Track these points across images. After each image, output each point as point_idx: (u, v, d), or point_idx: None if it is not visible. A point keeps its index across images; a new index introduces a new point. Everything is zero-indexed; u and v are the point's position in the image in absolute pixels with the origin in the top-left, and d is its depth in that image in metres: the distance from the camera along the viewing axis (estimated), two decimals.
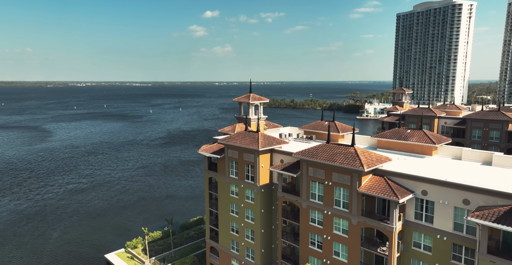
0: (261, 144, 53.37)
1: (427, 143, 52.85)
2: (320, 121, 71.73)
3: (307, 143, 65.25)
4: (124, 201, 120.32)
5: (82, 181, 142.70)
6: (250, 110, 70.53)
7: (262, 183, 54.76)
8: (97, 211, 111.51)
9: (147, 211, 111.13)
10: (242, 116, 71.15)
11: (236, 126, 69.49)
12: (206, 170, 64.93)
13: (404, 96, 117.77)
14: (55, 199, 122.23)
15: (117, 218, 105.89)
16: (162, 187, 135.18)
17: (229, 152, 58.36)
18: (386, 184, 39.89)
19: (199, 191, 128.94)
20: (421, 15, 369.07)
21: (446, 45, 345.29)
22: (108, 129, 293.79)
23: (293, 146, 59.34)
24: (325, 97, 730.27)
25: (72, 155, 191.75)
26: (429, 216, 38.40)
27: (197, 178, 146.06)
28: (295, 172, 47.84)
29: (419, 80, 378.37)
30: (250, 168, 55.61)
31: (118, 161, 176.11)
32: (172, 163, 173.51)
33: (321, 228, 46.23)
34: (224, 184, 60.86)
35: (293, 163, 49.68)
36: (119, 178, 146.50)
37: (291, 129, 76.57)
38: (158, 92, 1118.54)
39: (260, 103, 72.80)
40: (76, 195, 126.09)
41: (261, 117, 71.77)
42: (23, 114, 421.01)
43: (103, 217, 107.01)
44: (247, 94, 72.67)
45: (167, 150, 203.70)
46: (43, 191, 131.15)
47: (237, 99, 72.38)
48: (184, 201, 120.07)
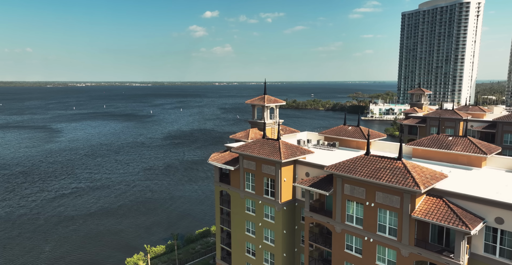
0: (283, 154, 45.78)
1: (476, 153, 45.35)
2: (342, 125, 64.13)
3: (329, 151, 57.75)
4: (124, 208, 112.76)
5: (79, 186, 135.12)
6: (265, 114, 62.97)
7: (284, 199, 47.15)
8: (95, 220, 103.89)
9: (149, 220, 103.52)
10: (256, 121, 63.60)
11: (250, 132, 61.91)
12: (217, 182, 57.26)
13: (423, 97, 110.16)
14: (50, 207, 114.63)
15: (117, 229, 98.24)
16: (165, 192, 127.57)
17: (244, 162, 50.76)
18: (448, 209, 32.28)
19: (204, 197, 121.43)
20: (427, 13, 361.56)
21: (453, 44, 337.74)
22: (108, 131, 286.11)
23: (318, 156, 51.68)
24: (326, 97, 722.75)
25: (69, 157, 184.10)
26: (506, 250, 30.83)
27: (202, 183, 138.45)
28: (327, 189, 40.20)
29: (424, 80, 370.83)
30: (270, 182, 48.01)
31: (117, 164, 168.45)
32: (175, 166, 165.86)
33: (360, 257, 38.60)
34: (238, 199, 53.26)
35: (323, 178, 42.06)
36: (119, 183, 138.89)
37: (308, 135, 69.00)
38: (159, 92, 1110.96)
39: (276, 105, 65.23)
40: (72, 202, 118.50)
41: (278, 121, 64.27)
42: (22, 115, 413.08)
43: (102, 226, 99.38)
44: (261, 96, 65.07)
45: (169, 152, 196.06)
46: (38, 197, 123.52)
47: (250, 102, 64.76)
48: (189, 209, 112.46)
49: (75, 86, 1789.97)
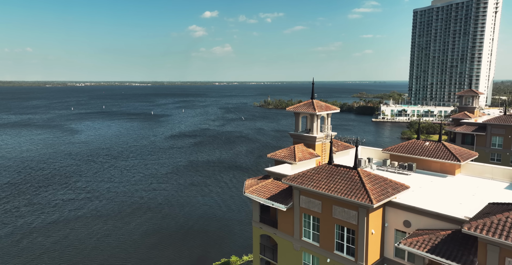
0: (372, 193, 29.88)
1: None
2: (416, 140, 48.36)
3: (404, 175, 41.99)
4: (127, 230, 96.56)
5: (76, 198, 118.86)
6: (314, 125, 47.16)
7: (371, 261, 31.28)
8: (90, 248, 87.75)
9: (156, 249, 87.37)
10: (302, 134, 47.81)
11: (296, 150, 46.04)
12: (257, 222, 41.33)
13: (475, 100, 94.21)
14: (41, 231, 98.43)
15: (118, 261, 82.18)
16: (177, 208, 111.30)
17: (302, 200, 34.90)
18: None
19: (228, 218, 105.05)
20: (440, 10, 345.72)
21: (469, 42, 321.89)
22: (108, 132, 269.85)
23: (413, 191, 35.58)
24: (327, 97, 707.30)
25: (67, 163, 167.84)
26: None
27: (224, 196, 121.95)
28: (464, 259, 24.32)
29: (438, 80, 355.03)
30: (346, 233, 32.16)
31: (118, 171, 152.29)
32: (187, 173, 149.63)
33: None
34: (290, 250, 37.38)
35: (445, 237, 26.20)
36: (124, 194, 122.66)
37: (366, 151, 53.18)
38: (159, 92, 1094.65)
39: (328, 114, 49.43)
40: (69, 224, 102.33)
41: (331, 133, 48.49)
42: (21, 115, 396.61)
43: (98, 257, 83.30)
44: (308, 101, 49.23)
45: (181, 157, 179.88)
46: (28, 211, 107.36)
47: (293, 109, 48.88)
48: (205, 230, 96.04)
49: (74, 86, 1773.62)
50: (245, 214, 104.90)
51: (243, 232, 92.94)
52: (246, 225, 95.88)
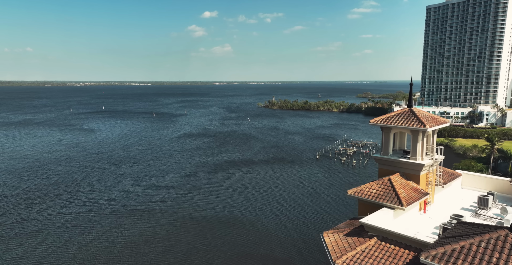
0: None
1: None
2: None
3: None
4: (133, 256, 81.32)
5: (79, 211, 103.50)
6: (418, 146, 31.83)
7: None
8: None
9: None
10: (398, 160, 32.51)
11: (395, 186, 30.62)
12: None
13: None
14: (34, 253, 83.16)
15: None
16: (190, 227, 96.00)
17: None
18: None
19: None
20: (456, 7, 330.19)
21: (488, 40, 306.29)
22: (110, 134, 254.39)
23: None
24: (328, 97, 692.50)
25: (67, 170, 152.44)
26: None
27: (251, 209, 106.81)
28: None
29: (453, 79, 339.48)
30: None
31: (119, 178, 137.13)
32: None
33: None
34: None
35: None
36: (128, 209, 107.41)
37: (475, 179, 37.88)
38: (160, 92, 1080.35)
39: (434, 130, 34.09)
40: (66, 244, 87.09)
41: (438, 158, 33.20)
42: (19, 115, 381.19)
43: None
44: (404, 110, 33.80)
45: (196, 162, 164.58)
46: (28, 223, 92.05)
47: (383, 122, 33.43)
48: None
49: (74, 86, 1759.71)
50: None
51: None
52: None
